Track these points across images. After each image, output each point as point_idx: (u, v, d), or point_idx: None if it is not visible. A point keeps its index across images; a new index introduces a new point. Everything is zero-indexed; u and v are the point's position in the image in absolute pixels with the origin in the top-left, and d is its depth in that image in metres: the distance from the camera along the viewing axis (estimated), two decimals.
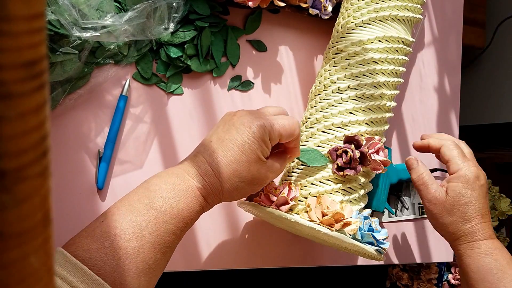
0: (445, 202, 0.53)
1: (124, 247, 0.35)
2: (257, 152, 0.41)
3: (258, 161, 0.41)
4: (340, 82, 0.52)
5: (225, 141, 0.41)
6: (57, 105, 0.48)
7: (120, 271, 0.34)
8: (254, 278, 1.08)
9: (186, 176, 0.39)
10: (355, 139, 0.49)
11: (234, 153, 0.40)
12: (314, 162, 0.50)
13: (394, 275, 1.17)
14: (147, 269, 0.36)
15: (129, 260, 0.34)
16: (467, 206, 0.52)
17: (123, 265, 0.34)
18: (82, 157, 0.50)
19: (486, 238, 0.52)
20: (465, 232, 0.52)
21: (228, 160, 0.40)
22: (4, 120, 0.13)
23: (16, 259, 0.14)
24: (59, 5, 0.43)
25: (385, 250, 0.49)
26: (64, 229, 0.49)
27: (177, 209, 0.38)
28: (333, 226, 0.45)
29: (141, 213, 0.36)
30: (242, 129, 0.41)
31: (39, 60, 0.14)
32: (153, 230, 0.36)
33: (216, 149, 0.41)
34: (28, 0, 0.13)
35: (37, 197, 0.14)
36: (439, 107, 0.74)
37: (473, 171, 0.53)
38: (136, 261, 0.35)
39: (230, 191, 0.41)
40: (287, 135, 0.42)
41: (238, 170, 0.40)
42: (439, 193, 0.54)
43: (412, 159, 0.57)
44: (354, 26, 0.53)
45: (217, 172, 0.40)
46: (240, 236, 0.58)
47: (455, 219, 0.52)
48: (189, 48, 0.53)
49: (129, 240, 0.35)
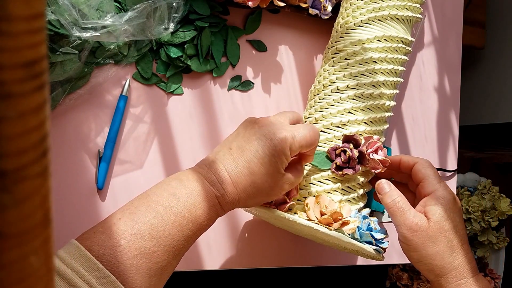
0: (428, 229, 0.45)
1: (139, 247, 0.35)
2: (277, 165, 0.41)
3: (276, 173, 0.41)
4: (339, 82, 0.52)
5: (246, 152, 0.40)
6: (57, 105, 0.48)
7: (133, 270, 0.34)
8: (254, 278, 1.09)
9: (206, 183, 0.39)
10: (354, 139, 0.49)
11: (254, 165, 0.40)
12: (325, 165, 0.50)
13: (394, 275, 1.17)
14: (159, 270, 0.36)
15: (142, 260, 0.35)
16: (452, 233, 0.46)
17: (137, 265, 0.35)
18: (82, 157, 0.50)
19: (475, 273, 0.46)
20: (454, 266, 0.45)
21: (248, 172, 0.40)
22: (4, 120, 0.13)
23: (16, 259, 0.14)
24: (59, 5, 0.43)
25: (384, 249, 0.49)
26: (64, 229, 0.49)
27: (195, 215, 0.38)
28: (332, 225, 0.45)
29: (159, 216, 0.36)
30: (264, 141, 0.40)
31: (39, 60, 0.14)
32: (169, 234, 0.36)
33: (236, 158, 0.40)
34: (28, 0, 0.13)
35: (37, 197, 0.14)
36: (439, 107, 0.74)
37: (450, 193, 0.48)
38: (150, 262, 0.35)
39: (246, 200, 0.41)
40: (307, 145, 0.42)
41: (256, 182, 0.40)
42: (419, 218, 0.46)
43: (383, 182, 0.49)
44: (353, 25, 0.53)
45: (236, 182, 0.40)
46: (240, 236, 0.58)
47: (441, 248, 0.45)
48: (189, 48, 0.53)
49: (144, 241, 0.35)
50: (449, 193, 0.48)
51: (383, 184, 0.49)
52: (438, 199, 0.47)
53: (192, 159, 0.56)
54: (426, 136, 0.73)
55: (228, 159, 0.41)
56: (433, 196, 0.47)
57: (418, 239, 0.45)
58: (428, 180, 0.48)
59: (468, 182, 1.27)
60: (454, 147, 0.75)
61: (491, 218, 1.20)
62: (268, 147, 0.40)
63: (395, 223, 0.48)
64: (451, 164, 0.75)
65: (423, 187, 0.49)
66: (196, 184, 0.39)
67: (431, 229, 0.45)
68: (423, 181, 0.49)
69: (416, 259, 0.47)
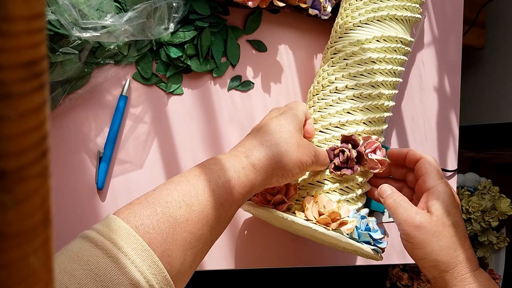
0: (431, 224, 0.45)
1: (174, 214, 0.35)
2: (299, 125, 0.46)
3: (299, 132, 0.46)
4: (337, 82, 0.52)
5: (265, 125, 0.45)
6: (57, 105, 0.48)
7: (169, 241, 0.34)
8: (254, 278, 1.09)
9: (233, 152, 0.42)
10: (352, 139, 0.49)
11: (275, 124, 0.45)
12: None
13: (394, 275, 1.17)
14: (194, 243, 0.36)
15: (178, 229, 0.35)
16: (454, 228, 0.46)
17: (173, 235, 0.34)
18: (82, 157, 0.50)
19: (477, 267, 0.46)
20: (459, 260, 0.45)
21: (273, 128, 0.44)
22: (4, 120, 0.13)
23: (16, 259, 0.14)
24: (59, 5, 0.43)
25: (383, 249, 0.49)
26: (64, 229, 0.49)
27: (225, 179, 0.39)
28: (330, 225, 0.46)
29: (191, 183, 0.37)
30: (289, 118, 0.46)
31: (39, 60, 0.14)
32: (201, 200, 0.37)
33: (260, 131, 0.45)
34: (28, 0, 0.13)
35: (37, 197, 0.14)
36: (439, 107, 0.74)
37: (450, 188, 0.48)
38: (185, 231, 0.35)
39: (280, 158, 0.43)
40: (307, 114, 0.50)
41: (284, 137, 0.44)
42: (421, 215, 0.46)
43: (385, 186, 0.50)
44: (352, 26, 0.53)
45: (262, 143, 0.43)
46: (240, 235, 0.58)
47: (445, 243, 0.45)
48: (189, 48, 0.53)
49: (179, 208, 0.35)
50: (449, 189, 0.48)
51: (385, 187, 0.50)
52: (439, 194, 0.47)
53: (192, 159, 0.56)
54: (426, 136, 0.73)
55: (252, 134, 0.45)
56: (434, 191, 0.47)
57: (422, 235, 0.45)
58: (430, 175, 0.48)
59: (468, 182, 1.27)
60: (454, 147, 0.75)
61: (491, 218, 1.20)
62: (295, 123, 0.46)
63: (397, 222, 0.47)
64: (451, 164, 0.75)
65: (424, 182, 0.49)
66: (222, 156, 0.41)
67: (434, 224, 0.45)
68: (424, 176, 0.49)
69: (420, 256, 0.46)
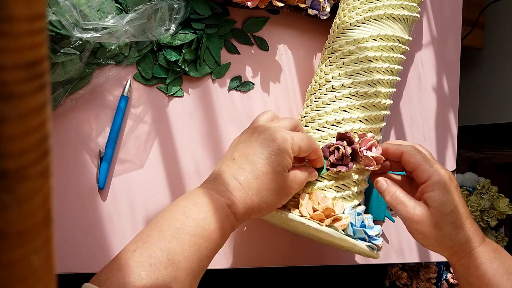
0: (430, 217, 0.46)
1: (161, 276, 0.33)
2: (283, 163, 0.42)
3: (283, 172, 0.42)
4: (334, 81, 0.52)
5: (250, 156, 0.42)
6: (58, 105, 0.49)
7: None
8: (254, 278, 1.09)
9: (214, 194, 0.39)
10: (347, 136, 0.49)
11: (261, 166, 0.41)
12: None
13: (393, 274, 1.17)
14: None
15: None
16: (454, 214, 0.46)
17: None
18: (83, 157, 0.50)
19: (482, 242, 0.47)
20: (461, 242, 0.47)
21: (256, 174, 0.41)
22: (5, 121, 0.13)
23: (17, 258, 0.14)
24: (60, 6, 0.43)
25: (378, 246, 0.49)
26: (65, 228, 0.49)
27: (209, 230, 0.37)
28: (323, 221, 0.46)
29: (174, 239, 0.35)
30: (266, 143, 0.42)
31: (40, 61, 0.14)
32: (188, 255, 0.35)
33: (242, 165, 0.41)
34: (29, 1, 0.13)
35: (38, 197, 0.14)
36: (438, 107, 0.74)
37: (444, 174, 0.47)
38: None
39: (260, 204, 0.41)
40: (306, 148, 0.45)
41: (266, 182, 0.41)
42: (420, 209, 0.47)
43: (380, 180, 0.50)
44: (349, 25, 0.53)
45: (247, 186, 0.40)
46: (238, 234, 0.58)
47: (446, 231, 0.46)
48: (187, 53, 0.53)
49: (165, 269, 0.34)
50: (443, 175, 0.47)
51: (381, 182, 0.50)
52: (434, 185, 0.47)
53: (192, 159, 0.56)
54: (425, 136, 0.73)
55: (233, 167, 0.41)
56: (429, 183, 0.47)
57: (423, 228, 0.46)
58: (420, 168, 0.47)
59: (467, 182, 1.28)
60: (453, 147, 0.76)
61: (490, 218, 1.20)
62: (271, 147, 0.42)
63: (400, 217, 0.49)
64: (450, 164, 0.75)
65: (418, 176, 0.48)
66: (205, 197, 0.38)
67: (433, 216, 0.46)
68: (415, 170, 0.48)
69: (426, 244, 0.49)
